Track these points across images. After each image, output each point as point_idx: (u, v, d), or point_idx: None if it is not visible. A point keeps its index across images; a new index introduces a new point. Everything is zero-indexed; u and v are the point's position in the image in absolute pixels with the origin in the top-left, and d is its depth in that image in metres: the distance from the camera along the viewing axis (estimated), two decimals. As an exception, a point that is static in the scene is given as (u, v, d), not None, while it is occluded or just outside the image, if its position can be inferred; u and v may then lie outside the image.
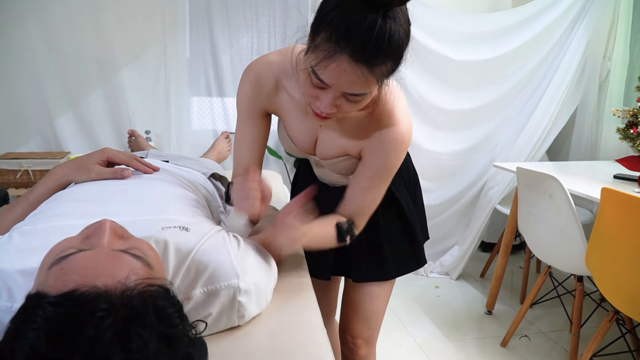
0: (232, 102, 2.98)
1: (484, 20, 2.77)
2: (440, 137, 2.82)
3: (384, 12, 0.71)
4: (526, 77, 2.76)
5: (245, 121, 1.04)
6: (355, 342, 1.24)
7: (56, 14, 2.57)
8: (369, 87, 0.78)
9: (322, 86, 0.79)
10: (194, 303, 0.73)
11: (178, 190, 0.97)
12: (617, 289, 1.55)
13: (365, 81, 0.76)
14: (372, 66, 0.74)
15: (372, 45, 0.71)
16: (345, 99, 0.80)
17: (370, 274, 1.19)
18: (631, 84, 2.47)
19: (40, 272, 0.56)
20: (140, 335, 0.44)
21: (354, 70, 0.74)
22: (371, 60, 0.73)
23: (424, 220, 1.32)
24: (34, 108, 2.66)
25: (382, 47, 0.72)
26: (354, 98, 0.80)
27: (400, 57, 0.78)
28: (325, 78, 0.76)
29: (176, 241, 0.74)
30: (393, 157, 0.97)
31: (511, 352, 2.07)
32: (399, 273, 1.21)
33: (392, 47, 0.74)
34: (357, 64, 0.73)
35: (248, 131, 1.05)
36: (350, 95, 0.79)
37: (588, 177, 2.05)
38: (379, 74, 0.76)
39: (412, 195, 1.25)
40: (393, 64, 0.78)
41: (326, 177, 1.20)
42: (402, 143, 0.96)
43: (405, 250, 1.20)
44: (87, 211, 0.80)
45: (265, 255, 0.87)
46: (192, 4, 2.80)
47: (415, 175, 1.28)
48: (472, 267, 2.94)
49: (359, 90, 0.78)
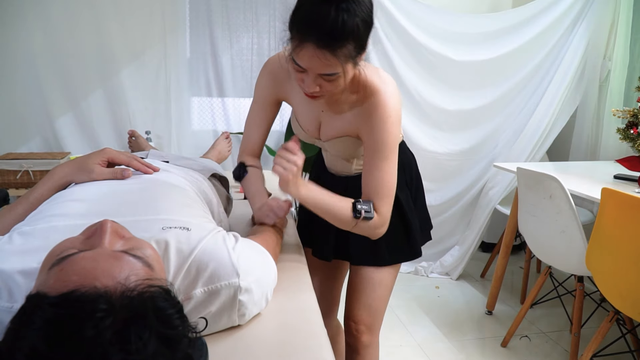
0: (233, 103, 2.98)
1: (484, 20, 2.77)
2: (441, 137, 2.83)
3: (336, 4, 0.86)
4: (526, 77, 2.76)
5: (259, 106, 1.23)
6: (358, 328, 1.28)
7: (56, 14, 2.58)
8: (337, 67, 0.91)
9: (301, 70, 0.94)
10: (195, 303, 0.73)
11: (178, 191, 0.97)
12: (618, 289, 1.55)
13: (332, 63, 0.90)
14: (333, 49, 0.88)
15: (328, 32, 0.86)
16: (322, 79, 0.94)
17: (366, 258, 1.24)
18: (631, 84, 2.47)
19: (41, 272, 0.56)
20: (140, 336, 0.44)
21: (319, 54, 0.89)
22: (331, 45, 0.88)
23: (426, 221, 1.35)
24: (34, 108, 2.66)
25: (336, 33, 0.86)
26: (329, 78, 0.94)
27: (359, 40, 0.91)
28: (300, 63, 0.92)
29: (177, 241, 0.74)
30: (382, 127, 1.03)
31: (511, 352, 2.07)
32: (393, 261, 1.26)
33: (345, 33, 0.87)
34: (321, 49, 0.88)
35: (260, 114, 1.24)
36: (324, 76, 0.93)
37: (588, 178, 2.05)
38: (343, 56, 0.90)
39: (413, 194, 1.29)
40: (354, 47, 0.90)
41: (332, 165, 1.30)
42: (386, 108, 1.02)
43: (400, 241, 1.24)
44: (87, 211, 0.80)
45: (265, 254, 0.88)
46: (192, 4, 2.80)
47: (418, 177, 1.33)
48: (472, 268, 2.94)
49: (330, 71, 0.92)
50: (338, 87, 0.97)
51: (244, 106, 3.00)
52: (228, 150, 2.02)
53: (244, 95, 2.97)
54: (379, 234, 1.08)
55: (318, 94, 0.98)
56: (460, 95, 2.79)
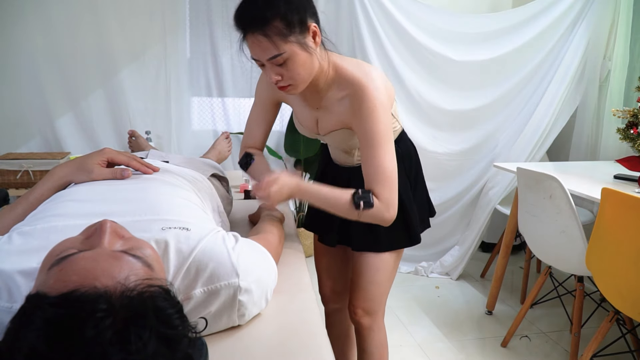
0: (232, 103, 2.98)
1: (484, 20, 2.77)
2: (441, 137, 2.83)
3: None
4: (526, 77, 2.76)
5: (260, 107, 1.30)
6: (356, 311, 1.33)
7: (56, 14, 2.58)
8: (276, 47, 0.96)
9: (259, 64, 1.02)
10: (195, 303, 0.73)
11: (178, 191, 0.97)
12: (618, 289, 1.55)
13: (268, 45, 0.96)
14: (263, 31, 0.95)
15: (252, 17, 0.95)
16: (279, 68, 1.00)
17: (366, 244, 1.28)
18: (631, 84, 2.47)
19: (41, 272, 0.56)
20: (140, 335, 0.44)
21: (254, 40, 0.96)
22: (259, 27, 0.95)
23: (424, 209, 1.38)
24: (34, 108, 2.66)
25: (258, 16, 0.94)
26: (276, 61, 0.98)
27: (285, 18, 0.95)
28: (251, 54, 1.00)
29: (177, 241, 0.74)
30: (369, 118, 1.05)
31: (511, 352, 2.07)
32: (391, 247, 1.29)
33: (267, 14, 0.94)
34: (254, 35, 0.96)
35: (260, 113, 1.31)
36: (272, 60, 0.98)
37: (588, 177, 2.04)
38: (274, 35, 0.95)
39: (413, 184, 1.32)
40: (284, 25, 0.95)
41: (336, 156, 1.34)
42: (371, 99, 1.05)
43: (398, 228, 1.25)
44: (87, 211, 0.80)
45: (265, 254, 0.88)
46: (192, 4, 2.80)
47: (417, 166, 1.36)
48: (472, 267, 2.94)
49: (271, 53, 0.97)
50: (298, 73, 1.01)
51: (244, 106, 3.00)
52: (228, 150, 2.02)
53: (244, 95, 2.97)
54: (388, 219, 1.09)
55: (284, 82, 1.03)
56: (460, 95, 2.79)
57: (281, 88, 1.05)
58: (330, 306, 1.51)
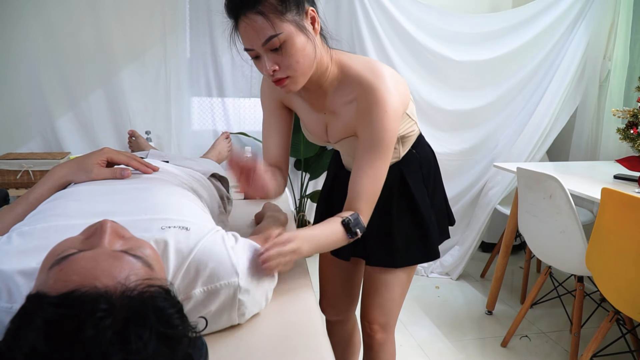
0: (233, 103, 2.98)
1: (484, 20, 2.77)
2: (441, 137, 2.82)
3: None
4: (526, 77, 2.76)
5: (268, 112, 1.18)
6: (372, 327, 1.28)
7: (56, 14, 2.57)
8: (272, 27, 0.86)
9: (253, 55, 0.92)
10: (195, 302, 0.73)
11: (178, 190, 0.97)
12: (618, 289, 1.55)
13: (262, 24, 0.86)
14: (256, 8, 0.86)
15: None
16: (272, 53, 0.90)
17: (382, 259, 1.21)
18: (631, 84, 2.47)
19: (41, 272, 0.56)
20: (140, 335, 0.44)
21: (248, 22, 0.87)
22: (252, 4, 0.86)
23: (443, 218, 1.33)
24: (34, 108, 2.66)
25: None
26: (273, 44, 0.88)
27: None
28: (245, 43, 0.91)
29: (176, 241, 0.74)
30: (377, 123, 0.95)
31: (511, 352, 2.07)
32: (409, 262, 1.23)
33: None
34: (247, 16, 0.86)
35: (270, 120, 1.18)
36: (267, 44, 0.88)
37: (588, 177, 2.05)
38: (269, 10, 0.86)
39: (430, 192, 1.25)
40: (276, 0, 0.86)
41: (348, 163, 1.27)
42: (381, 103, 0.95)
43: (416, 242, 1.21)
44: (86, 211, 0.80)
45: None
46: (192, 4, 2.80)
47: (437, 172, 1.29)
48: (472, 268, 2.94)
49: (267, 34, 0.87)
50: (297, 60, 0.90)
51: (244, 106, 3.00)
52: (228, 150, 2.02)
53: (244, 96, 2.97)
54: None
55: (282, 74, 0.92)
56: (460, 95, 2.79)
57: (279, 83, 0.94)
58: (331, 317, 1.45)
